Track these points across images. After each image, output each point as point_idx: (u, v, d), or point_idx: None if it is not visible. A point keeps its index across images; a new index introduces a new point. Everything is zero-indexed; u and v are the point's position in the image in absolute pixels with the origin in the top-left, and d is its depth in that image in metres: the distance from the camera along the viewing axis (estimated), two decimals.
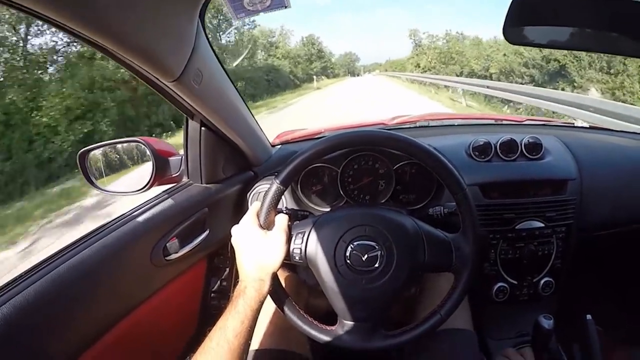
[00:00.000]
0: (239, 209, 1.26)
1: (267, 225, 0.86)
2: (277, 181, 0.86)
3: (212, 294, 1.30)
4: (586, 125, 1.68)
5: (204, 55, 0.84)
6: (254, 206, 0.89)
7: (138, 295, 1.00)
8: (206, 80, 0.87)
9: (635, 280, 1.54)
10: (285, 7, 0.82)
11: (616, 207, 1.34)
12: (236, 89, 1.07)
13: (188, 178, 1.15)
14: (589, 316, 1.11)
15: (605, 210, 1.32)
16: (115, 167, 1.16)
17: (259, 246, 0.83)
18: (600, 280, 1.66)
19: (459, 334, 1.06)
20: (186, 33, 0.75)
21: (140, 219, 0.99)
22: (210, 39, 0.87)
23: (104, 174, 1.13)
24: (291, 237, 0.88)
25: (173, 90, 0.82)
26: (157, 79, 0.77)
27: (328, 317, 0.90)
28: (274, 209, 0.87)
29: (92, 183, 1.09)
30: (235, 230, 0.87)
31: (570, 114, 5.72)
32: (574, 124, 1.71)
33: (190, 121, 1.05)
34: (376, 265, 0.84)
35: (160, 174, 1.08)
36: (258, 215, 0.87)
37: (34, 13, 0.51)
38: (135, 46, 0.65)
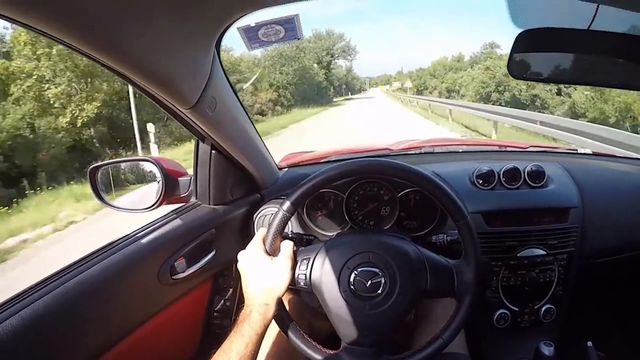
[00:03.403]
0: (246, 231, 1.28)
1: (273, 251, 0.88)
2: (283, 208, 0.88)
3: (215, 313, 1.31)
4: (589, 152, 1.69)
5: (218, 83, 0.87)
6: (259, 232, 0.91)
7: (144, 313, 1.02)
8: (220, 107, 0.90)
9: (637, 306, 1.54)
10: (298, 38, 0.86)
11: (618, 234, 1.35)
12: (246, 113, 1.10)
13: (196, 199, 1.17)
14: (589, 343, 1.11)
15: (608, 237, 1.34)
16: (124, 184, 1.18)
17: (265, 272, 0.85)
18: (601, 307, 1.65)
19: (454, 359, 1.06)
20: (203, 63, 0.78)
21: (148, 237, 1.01)
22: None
23: (113, 191, 1.15)
24: (296, 263, 0.89)
25: (188, 117, 0.86)
26: (174, 105, 0.80)
27: (331, 340, 0.92)
28: (280, 235, 0.89)
29: (101, 199, 1.11)
30: (241, 256, 0.89)
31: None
32: (577, 150, 1.72)
33: (201, 144, 1.08)
34: (379, 291, 0.86)
35: (169, 193, 1.10)
36: (264, 242, 0.89)
37: (60, 41, 0.55)
38: (154, 75, 0.69)
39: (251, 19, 0.76)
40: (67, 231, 6.16)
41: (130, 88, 11.42)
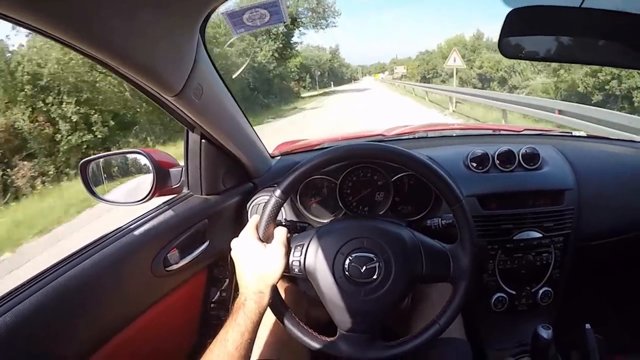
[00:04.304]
0: (239, 220, 1.27)
1: (266, 238, 0.87)
2: (276, 194, 0.87)
3: (212, 305, 1.30)
4: (584, 134, 1.69)
5: (204, 69, 0.85)
6: (253, 219, 0.90)
7: (138, 306, 1.01)
8: (206, 94, 0.88)
9: (634, 288, 1.54)
10: (284, 22, 0.85)
11: (614, 216, 1.35)
12: (236, 101, 1.08)
13: (188, 189, 1.16)
14: (587, 325, 1.11)
15: (603, 219, 1.33)
16: (116, 177, 1.17)
17: (259, 259, 0.84)
18: (599, 289, 1.66)
19: (452, 343, 1.07)
20: (187, 49, 0.77)
21: (141, 230, 1.00)
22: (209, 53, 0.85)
23: (104, 184, 1.14)
24: (290, 250, 0.89)
25: (174, 104, 0.84)
26: (159, 93, 0.78)
27: (328, 328, 0.91)
28: (273, 221, 0.88)
29: (92, 193, 1.10)
30: (234, 243, 0.88)
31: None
32: (571, 133, 1.72)
33: (190, 133, 1.07)
34: (374, 277, 0.85)
35: (161, 185, 1.09)
36: (257, 228, 0.88)
37: (41, 31, 0.53)
38: (136, 63, 0.67)
39: (234, 2, 0.75)
40: None
41: None
